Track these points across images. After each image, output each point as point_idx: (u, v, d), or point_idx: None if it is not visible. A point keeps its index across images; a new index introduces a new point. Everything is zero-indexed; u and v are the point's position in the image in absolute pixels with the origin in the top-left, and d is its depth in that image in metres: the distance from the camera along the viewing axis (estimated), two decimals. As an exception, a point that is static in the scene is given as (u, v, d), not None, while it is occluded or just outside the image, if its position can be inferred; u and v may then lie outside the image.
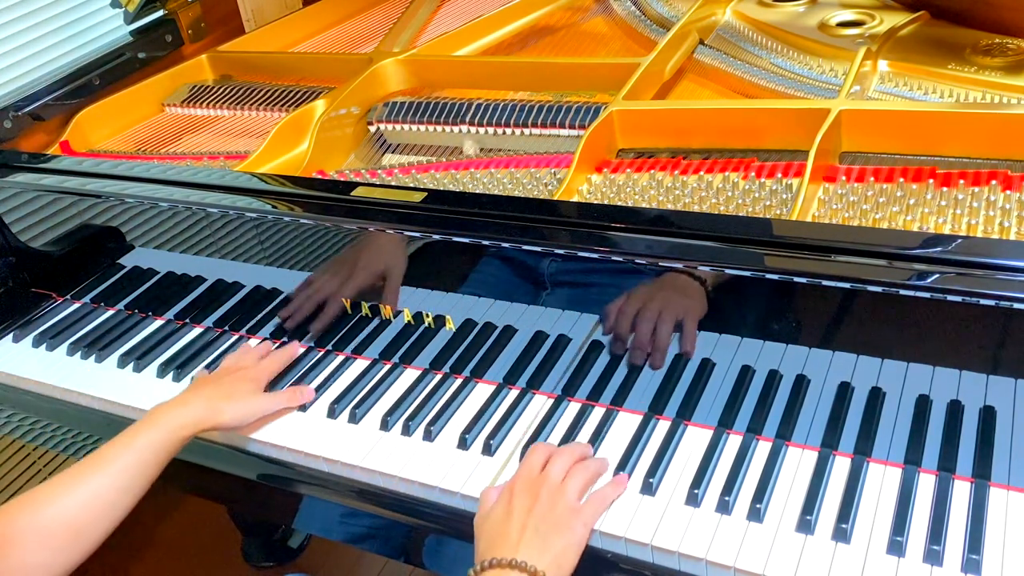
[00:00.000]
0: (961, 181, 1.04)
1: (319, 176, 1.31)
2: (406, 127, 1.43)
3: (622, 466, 0.99)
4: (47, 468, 2.00)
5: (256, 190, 1.22)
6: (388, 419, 1.11)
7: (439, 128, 1.40)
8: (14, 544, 0.92)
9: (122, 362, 1.30)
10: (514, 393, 1.12)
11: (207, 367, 1.28)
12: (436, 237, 1.09)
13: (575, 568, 0.90)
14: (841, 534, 0.88)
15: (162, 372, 1.27)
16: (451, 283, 1.12)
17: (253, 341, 1.30)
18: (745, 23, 1.48)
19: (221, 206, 1.21)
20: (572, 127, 1.30)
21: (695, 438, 1.02)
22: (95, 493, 0.98)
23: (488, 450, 1.05)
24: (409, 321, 1.17)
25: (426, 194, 1.11)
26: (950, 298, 0.83)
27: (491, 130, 1.36)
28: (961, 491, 0.90)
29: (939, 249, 0.86)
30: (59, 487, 0.97)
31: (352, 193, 1.15)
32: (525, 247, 1.04)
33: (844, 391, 0.94)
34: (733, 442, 1.00)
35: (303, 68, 1.67)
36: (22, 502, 0.96)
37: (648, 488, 0.96)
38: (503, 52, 1.62)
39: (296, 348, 1.25)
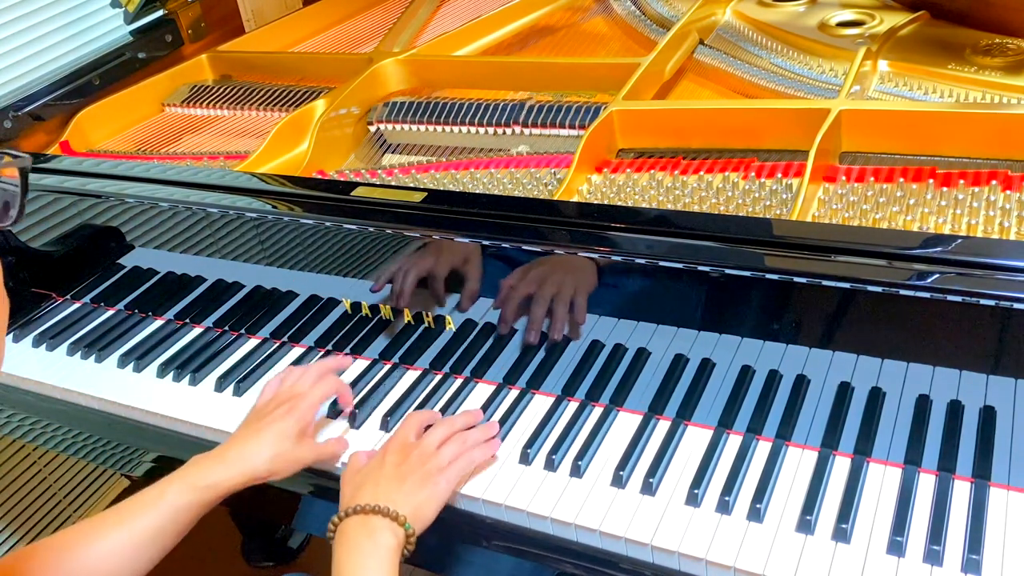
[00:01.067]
0: (961, 181, 1.04)
1: (319, 176, 1.31)
2: (406, 127, 1.43)
3: (622, 466, 0.99)
4: (47, 468, 2.00)
5: (256, 190, 1.22)
6: (388, 420, 1.11)
7: (439, 128, 1.40)
8: None
9: (122, 362, 1.30)
10: (514, 393, 1.12)
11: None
12: (436, 237, 1.09)
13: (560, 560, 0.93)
14: (841, 534, 0.88)
15: (162, 372, 1.27)
16: (451, 283, 1.12)
17: (253, 341, 1.30)
18: (745, 23, 1.48)
19: (221, 206, 1.21)
20: (572, 127, 1.30)
21: (695, 438, 1.02)
22: (114, 549, 0.94)
23: (488, 450, 1.05)
24: (409, 321, 1.17)
25: (426, 194, 1.11)
26: (950, 298, 0.83)
27: (491, 130, 1.36)
28: (961, 491, 0.90)
29: (939, 249, 0.86)
30: (82, 536, 0.95)
31: (352, 193, 1.15)
32: (525, 247, 1.04)
33: (844, 391, 0.94)
34: (733, 442, 1.00)
35: (303, 68, 1.67)
36: (44, 547, 0.94)
37: (648, 488, 0.96)
38: (503, 52, 1.62)
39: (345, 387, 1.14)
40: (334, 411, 1.14)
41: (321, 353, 1.25)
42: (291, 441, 1.03)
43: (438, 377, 1.17)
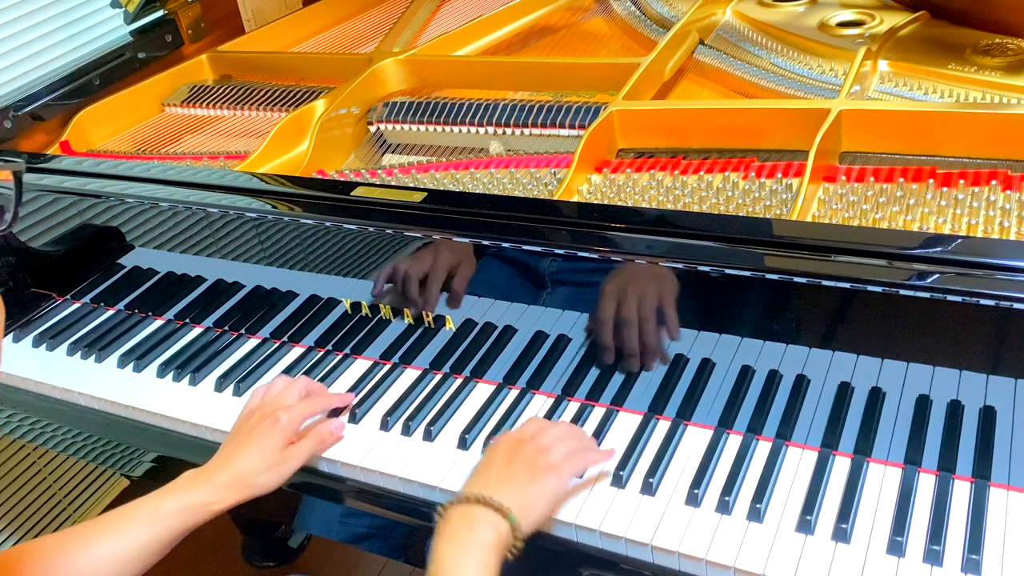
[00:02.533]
0: (961, 181, 1.04)
1: (319, 176, 1.31)
2: (406, 127, 1.43)
3: (622, 466, 0.99)
4: (47, 468, 2.00)
5: (256, 190, 1.22)
6: (388, 419, 1.11)
7: (439, 128, 1.40)
8: None
9: (122, 362, 1.30)
10: (514, 393, 1.12)
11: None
12: (436, 237, 1.09)
13: (561, 560, 0.91)
14: (841, 534, 0.88)
15: (162, 372, 1.27)
16: (451, 283, 1.12)
17: (253, 341, 1.30)
18: (745, 23, 1.48)
19: (221, 206, 1.21)
20: (572, 127, 1.30)
21: (695, 438, 1.02)
22: (105, 556, 0.95)
23: (488, 450, 1.05)
24: (409, 321, 1.17)
25: (426, 194, 1.11)
26: (950, 298, 0.83)
27: (490, 130, 1.36)
28: (961, 491, 0.90)
29: (939, 249, 0.86)
30: (71, 542, 0.95)
31: (352, 193, 1.15)
32: (525, 247, 1.04)
33: (844, 391, 0.94)
34: (733, 442, 1.00)
35: (303, 68, 1.67)
36: (31, 549, 0.94)
37: (648, 488, 0.96)
38: (503, 52, 1.62)
39: (349, 398, 1.15)
40: (334, 412, 1.14)
41: (321, 353, 1.25)
42: (277, 453, 1.03)
43: (438, 377, 1.17)
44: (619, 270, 1.00)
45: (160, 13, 1.72)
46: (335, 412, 1.14)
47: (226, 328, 1.33)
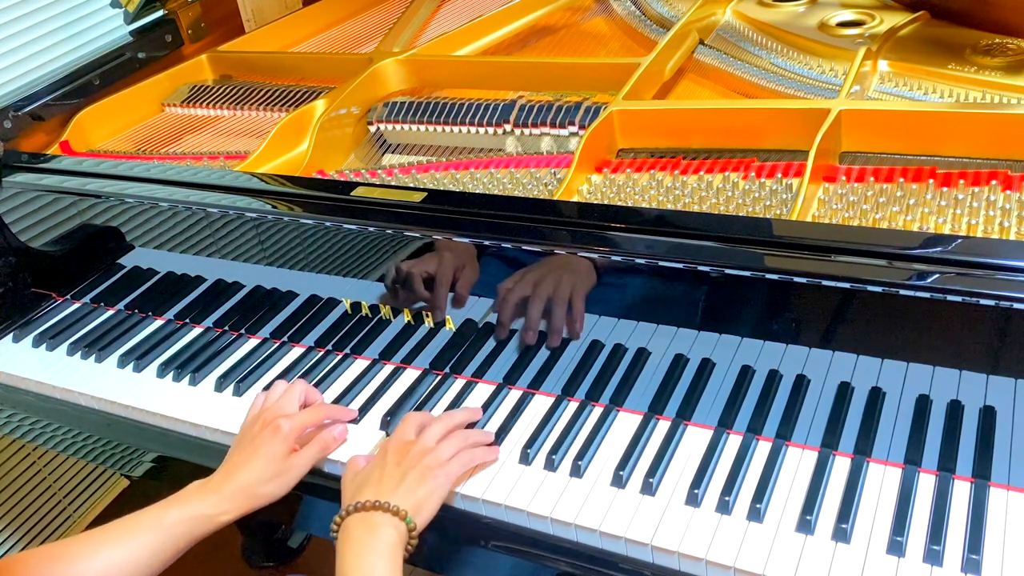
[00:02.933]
0: (961, 181, 1.04)
1: (319, 176, 1.31)
2: (406, 127, 1.43)
3: (622, 466, 0.99)
4: (47, 468, 2.00)
5: (256, 190, 1.22)
6: (388, 420, 1.11)
7: (439, 128, 1.40)
8: None
9: (122, 362, 1.30)
10: (515, 393, 1.12)
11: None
12: (436, 237, 1.09)
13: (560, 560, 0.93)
14: (841, 534, 0.88)
15: (162, 372, 1.27)
16: (451, 283, 1.12)
17: (253, 341, 1.30)
18: (745, 23, 1.48)
19: (221, 206, 1.21)
20: (572, 127, 1.30)
21: (695, 438, 1.02)
22: (109, 564, 0.95)
23: (488, 450, 1.05)
24: (409, 321, 1.17)
25: (426, 194, 1.11)
26: (950, 298, 0.83)
27: (491, 130, 1.36)
28: (961, 491, 0.90)
29: (939, 249, 0.86)
30: (76, 549, 0.95)
31: (352, 193, 1.15)
32: (525, 247, 1.04)
33: (844, 391, 0.94)
34: (733, 442, 1.00)
35: (303, 68, 1.67)
36: (36, 555, 0.95)
37: (648, 488, 0.96)
38: (503, 52, 1.62)
39: (351, 413, 1.14)
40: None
41: (321, 353, 1.25)
42: (281, 462, 1.04)
43: (438, 377, 1.17)
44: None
45: (160, 13, 1.72)
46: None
47: (226, 328, 1.33)
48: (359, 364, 1.22)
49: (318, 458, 1.07)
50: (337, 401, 1.15)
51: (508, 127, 1.34)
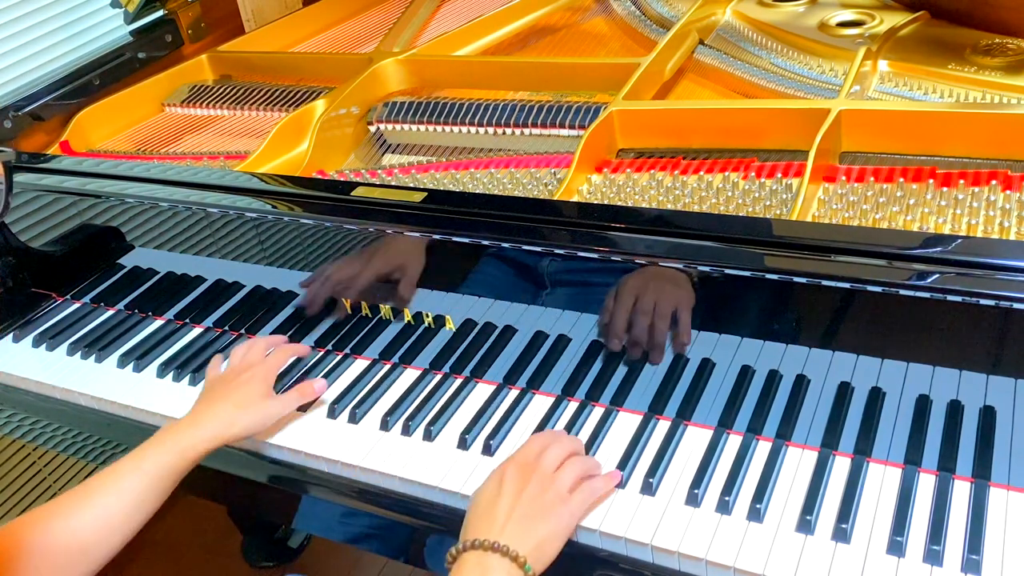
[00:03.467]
0: (961, 181, 1.04)
1: (319, 176, 1.31)
2: (406, 127, 1.43)
3: (622, 466, 0.99)
4: (47, 468, 2.00)
5: (256, 190, 1.22)
6: (388, 419, 1.11)
7: (439, 128, 1.40)
8: (20, 560, 0.91)
9: (122, 362, 1.30)
10: (514, 393, 1.12)
11: (213, 355, 1.25)
12: (436, 237, 1.09)
13: (560, 560, 0.90)
14: (841, 534, 0.88)
15: (162, 372, 1.27)
16: (451, 283, 1.12)
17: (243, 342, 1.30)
18: (745, 23, 1.48)
19: (221, 206, 1.21)
20: (572, 127, 1.30)
21: (695, 438, 1.02)
22: (102, 513, 0.96)
23: (488, 450, 1.05)
24: (409, 321, 1.17)
25: (426, 194, 1.11)
26: (950, 298, 0.83)
27: (491, 130, 1.36)
28: (961, 491, 0.90)
29: (939, 249, 0.86)
30: (67, 505, 0.96)
31: (352, 193, 1.15)
32: (525, 247, 1.04)
33: (844, 391, 0.94)
34: (733, 442, 1.00)
35: (303, 68, 1.67)
36: (30, 518, 0.95)
37: (648, 488, 0.96)
38: (503, 52, 1.62)
39: (305, 347, 1.22)
40: (333, 411, 1.14)
41: (321, 353, 1.25)
42: (259, 399, 1.09)
43: (438, 377, 1.17)
44: (637, 273, 1.00)
45: (160, 13, 1.72)
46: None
47: (226, 328, 1.33)
48: (359, 364, 1.22)
49: (297, 401, 1.12)
50: (337, 401, 1.15)
51: (492, 129, 1.35)
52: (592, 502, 0.95)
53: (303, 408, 1.15)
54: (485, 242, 1.06)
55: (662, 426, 1.04)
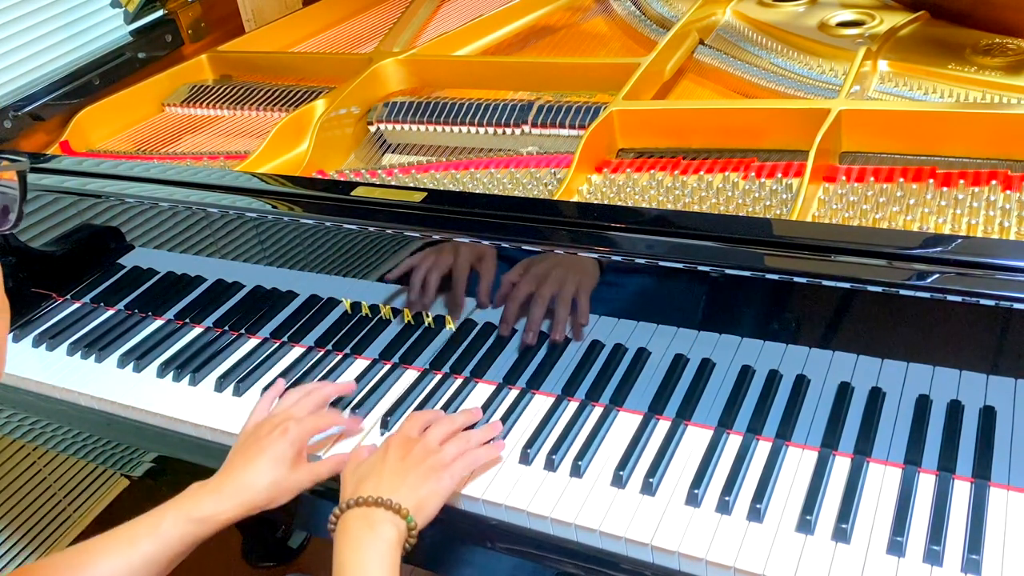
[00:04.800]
0: (961, 181, 1.04)
1: (319, 176, 1.31)
2: (406, 127, 1.43)
3: (622, 466, 0.99)
4: (47, 468, 2.00)
5: (256, 190, 1.22)
6: (388, 419, 1.11)
7: (439, 128, 1.40)
8: None
9: (122, 362, 1.30)
10: (514, 393, 1.12)
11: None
12: (436, 237, 1.09)
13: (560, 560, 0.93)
14: (841, 534, 0.88)
15: (162, 372, 1.27)
16: (451, 283, 1.12)
17: (253, 341, 1.30)
18: (745, 23, 1.48)
19: (221, 206, 1.21)
20: (572, 127, 1.30)
21: (695, 438, 1.02)
22: (113, 571, 0.94)
23: (488, 450, 1.05)
24: (409, 321, 1.17)
25: (426, 194, 1.11)
26: (950, 298, 0.83)
27: (491, 130, 1.36)
28: (961, 491, 0.90)
29: (939, 249, 0.86)
30: (77, 560, 0.94)
31: (352, 193, 1.15)
32: (525, 247, 1.04)
33: (844, 391, 0.94)
34: (733, 442, 1.00)
35: (303, 68, 1.67)
36: (47, 565, 0.94)
37: (648, 488, 0.96)
38: (503, 52, 1.62)
39: (357, 421, 1.12)
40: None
41: (321, 353, 1.25)
42: (287, 467, 1.01)
43: (438, 377, 1.17)
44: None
45: (160, 13, 1.72)
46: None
47: (226, 328, 1.33)
48: (359, 364, 1.22)
49: (328, 475, 1.04)
50: (336, 402, 1.15)
51: (519, 129, 1.35)
52: (474, 468, 1.00)
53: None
54: (485, 242, 1.06)
55: (662, 426, 1.04)
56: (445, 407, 1.11)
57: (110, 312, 1.43)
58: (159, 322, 1.38)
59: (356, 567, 0.88)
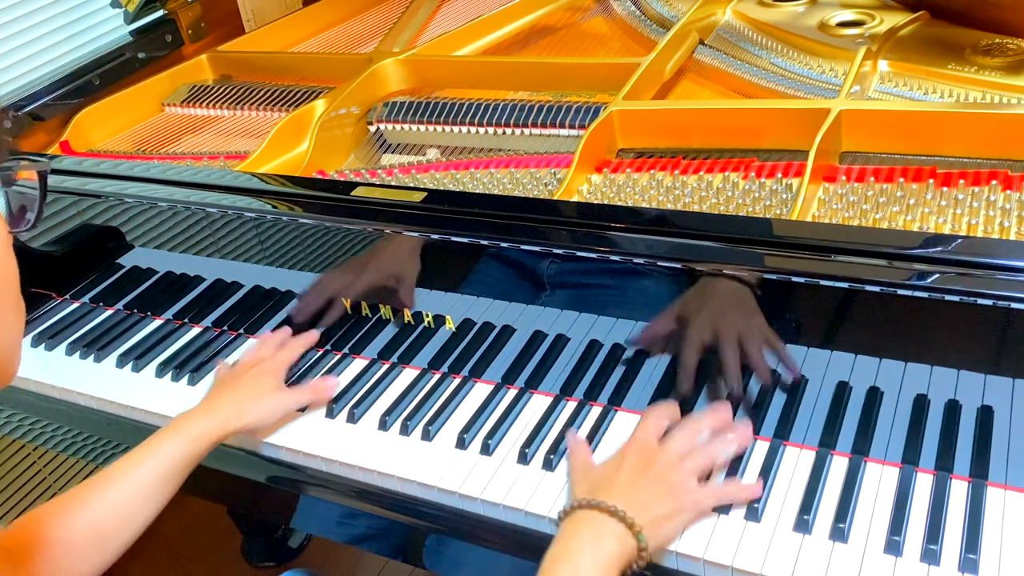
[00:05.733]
0: (961, 181, 1.04)
1: (319, 176, 1.31)
2: (406, 127, 1.43)
3: (621, 466, 0.98)
4: (47, 468, 2.00)
5: (256, 190, 1.22)
6: (386, 419, 1.11)
7: (439, 128, 1.40)
8: (39, 550, 0.92)
9: (121, 362, 1.30)
10: (512, 393, 1.12)
11: (223, 359, 1.27)
12: (436, 237, 1.09)
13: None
14: (838, 533, 0.88)
15: (161, 372, 1.27)
16: (451, 283, 1.12)
17: (252, 341, 1.30)
18: (745, 23, 1.48)
19: (221, 206, 1.21)
20: (572, 127, 1.30)
21: (694, 438, 1.02)
22: (119, 501, 0.97)
23: (486, 450, 1.05)
24: (408, 321, 1.17)
25: (426, 194, 1.11)
26: (950, 298, 0.83)
27: (491, 130, 1.36)
28: (958, 491, 0.90)
29: (939, 249, 0.86)
30: (83, 494, 0.97)
31: (352, 193, 1.15)
32: (525, 247, 1.04)
33: (842, 391, 0.94)
34: (732, 442, 1.00)
35: (303, 68, 1.67)
36: (48, 509, 0.96)
37: (647, 488, 0.96)
38: (503, 52, 1.62)
39: (314, 335, 1.23)
40: (332, 411, 1.14)
41: (320, 353, 1.25)
42: (270, 391, 1.11)
43: (436, 376, 1.17)
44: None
45: (160, 13, 1.72)
46: None
47: (225, 328, 1.33)
48: (357, 364, 1.22)
49: (310, 398, 1.13)
50: (336, 401, 1.15)
51: (492, 129, 1.35)
52: (724, 503, 0.92)
53: (301, 408, 1.15)
54: (485, 242, 1.06)
55: (661, 426, 1.04)
56: (444, 406, 1.11)
57: (109, 312, 1.43)
58: (158, 322, 1.38)
59: (566, 569, 0.82)
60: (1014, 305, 0.81)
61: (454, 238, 1.07)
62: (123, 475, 0.99)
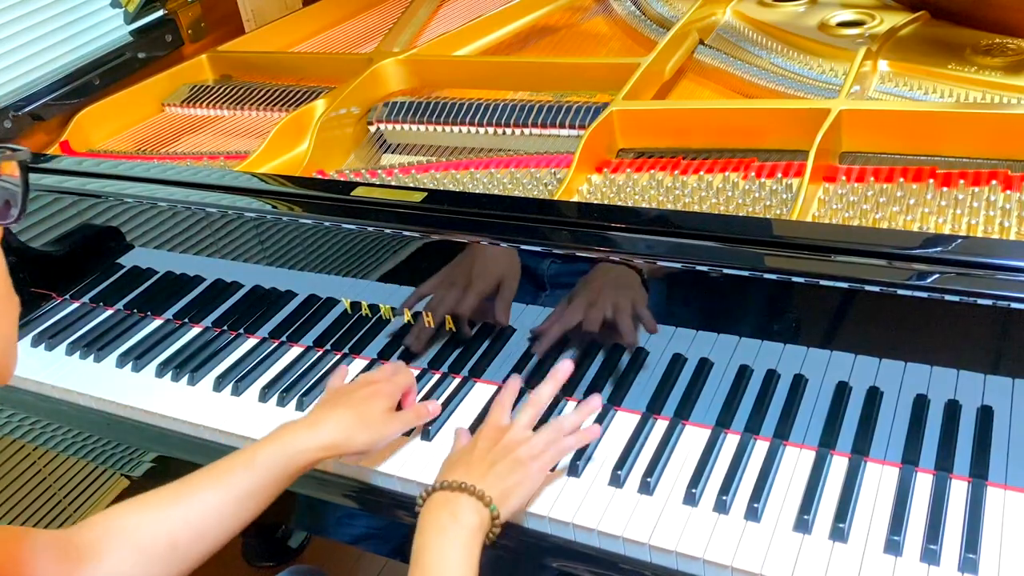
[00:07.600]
0: (961, 181, 1.04)
1: (319, 176, 1.31)
2: (406, 127, 1.43)
3: (620, 465, 0.99)
4: (47, 468, 2.00)
5: (256, 190, 1.22)
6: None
7: (439, 128, 1.40)
8: (107, 549, 0.89)
9: (121, 362, 1.30)
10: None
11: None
12: (436, 237, 1.09)
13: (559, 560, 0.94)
14: (838, 533, 0.88)
15: (161, 372, 1.27)
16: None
17: (252, 341, 1.30)
18: (745, 23, 1.48)
19: (221, 206, 1.21)
20: (572, 127, 1.30)
21: (693, 437, 1.02)
22: (202, 509, 0.94)
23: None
24: (408, 321, 1.17)
25: (426, 194, 1.11)
26: (950, 298, 0.83)
27: (491, 130, 1.36)
28: (958, 491, 0.90)
29: (939, 249, 0.86)
30: (165, 497, 0.94)
31: (352, 193, 1.15)
32: (525, 247, 1.04)
33: (842, 391, 0.94)
34: (731, 441, 1.00)
35: (303, 68, 1.67)
36: (123, 508, 0.93)
37: (646, 487, 0.96)
38: (503, 52, 1.62)
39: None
40: None
41: (320, 353, 1.25)
42: (380, 416, 1.04)
43: (436, 376, 1.17)
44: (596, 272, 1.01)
45: (160, 13, 1.72)
46: None
47: (225, 328, 1.33)
48: (358, 363, 1.22)
49: (413, 423, 1.08)
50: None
51: (492, 129, 1.35)
52: (563, 456, 1.00)
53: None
54: (485, 242, 1.06)
55: (660, 425, 1.04)
56: (443, 406, 1.11)
57: (109, 312, 1.43)
58: (158, 322, 1.38)
59: (435, 550, 0.88)
60: (1014, 305, 0.81)
61: (454, 238, 1.07)
62: (211, 482, 0.96)
